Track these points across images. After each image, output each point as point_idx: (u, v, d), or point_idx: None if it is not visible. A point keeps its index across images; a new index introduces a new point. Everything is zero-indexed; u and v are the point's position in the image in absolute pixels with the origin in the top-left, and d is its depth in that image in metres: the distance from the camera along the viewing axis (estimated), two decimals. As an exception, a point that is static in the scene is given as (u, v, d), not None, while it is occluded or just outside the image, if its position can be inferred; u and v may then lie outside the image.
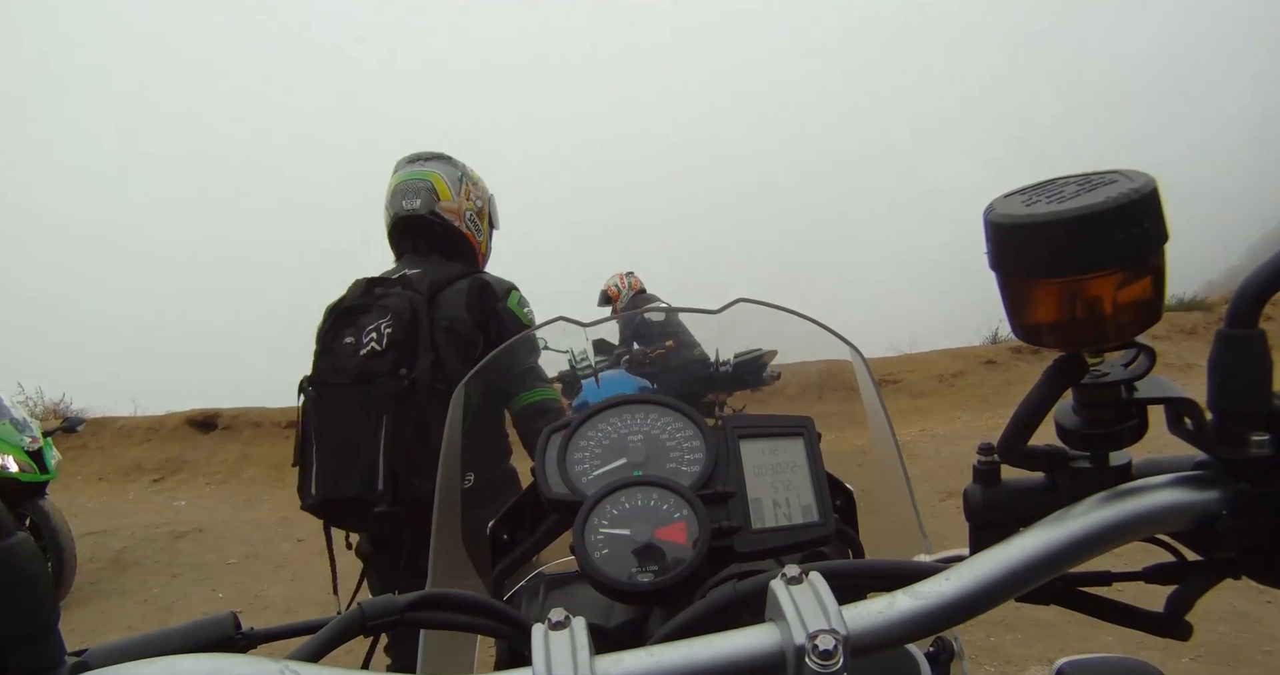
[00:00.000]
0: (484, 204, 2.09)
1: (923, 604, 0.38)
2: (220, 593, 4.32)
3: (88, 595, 4.37)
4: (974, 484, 0.48)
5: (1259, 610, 2.77)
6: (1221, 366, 0.39)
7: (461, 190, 2.02)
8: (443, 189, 1.98)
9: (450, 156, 2.07)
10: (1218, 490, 0.41)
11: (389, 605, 0.45)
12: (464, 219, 2.01)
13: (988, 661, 2.64)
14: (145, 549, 5.27)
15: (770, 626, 0.38)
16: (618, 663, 0.36)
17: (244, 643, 0.48)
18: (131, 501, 6.86)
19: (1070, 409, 0.46)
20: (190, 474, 7.46)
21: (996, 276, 0.42)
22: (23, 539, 0.36)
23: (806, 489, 0.62)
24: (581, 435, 0.66)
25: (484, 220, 2.08)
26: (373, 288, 1.86)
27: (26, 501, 3.99)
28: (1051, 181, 0.42)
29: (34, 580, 0.36)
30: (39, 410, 8.46)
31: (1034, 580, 0.40)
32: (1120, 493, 0.42)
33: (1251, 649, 2.59)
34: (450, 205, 1.98)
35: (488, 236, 2.11)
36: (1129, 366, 0.44)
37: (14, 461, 3.99)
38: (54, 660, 0.37)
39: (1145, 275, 0.39)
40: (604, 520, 0.58)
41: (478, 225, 2.05)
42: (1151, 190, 0.38)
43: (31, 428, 4.22)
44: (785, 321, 0.83)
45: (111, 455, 7.99)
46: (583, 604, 0.61)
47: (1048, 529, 0.41)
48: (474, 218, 2.04)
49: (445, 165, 2.03)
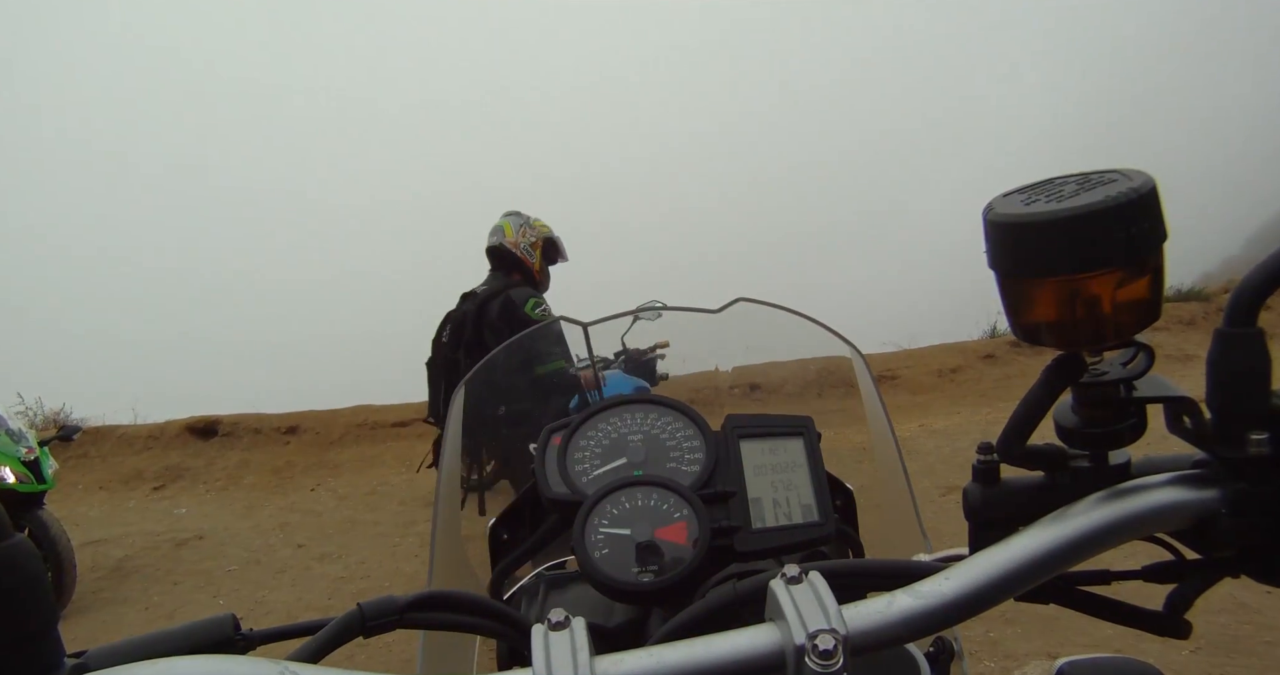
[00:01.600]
0: (538, 239, 3.71)
1: (922, 603, 0.38)
2: (221, 599, 4.32)
3: (89, 604, 4.36)
4: (973, 483, 0.48)
5: (1259, 601, 2.77)
6: (1220, 365, 0.39)
7: (519, 231, 3.71)
8: (508, 230, 3.70)
9: (520, 212, 3.79)
10: (1216, 489, 0.41)
11: (388, 605, 0.45)
12: (520, 249, 3.68)
13: (988, 656, 2.64)
14: (146, 557, 5.26)
15: (770, 626, 0.38)
16: (618, 663, 0.36)
17: (243, 644, 0.48)
18: (132, 510, 6.85)
19: (1069, 408, 0.46)
20: (191, 481, 7.45)
21: (995, 276, 0.42)
22: (21, 541, 0.36)
23: (806, 489, 0.62)
24: (581, 435, 0.66)
25: (537, 250, 3.70)
26: (463, 301, 3.64)
27: (24, 512, 3.97)
28: (1050, 181, 0.42)
29: (33, 582, 0.36)
30: (39, 420, 8.43)
31: (1033, 579, 0.40)
32: (1119, 492, 0.42)
33: (1252, 640, 2.59)
34: (511, 240, 3.68)
35: (540, 260, 3.72)
36: (1128, 365, 0.44)
37: (10, 472, 3.98)
38: (54, 662, 0.37)
39: (1144, 274, 0.39)
40: (604, 520, 0.58)
41: (530, 253, 3.70)
42: (1150, 189, 0.38)
43: (27, 438, 4.20)
44: (785, 321, 0.83)
45: (111, 464, 7.97)
46: (583, 604, 0.61)
47: (1047, 528, 0.41)
48: (527, 248, 3.70)
49: (516, 217, 3.75)
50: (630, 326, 1.60)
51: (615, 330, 1.72)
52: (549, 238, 3.75)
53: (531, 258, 3.68)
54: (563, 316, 0.91)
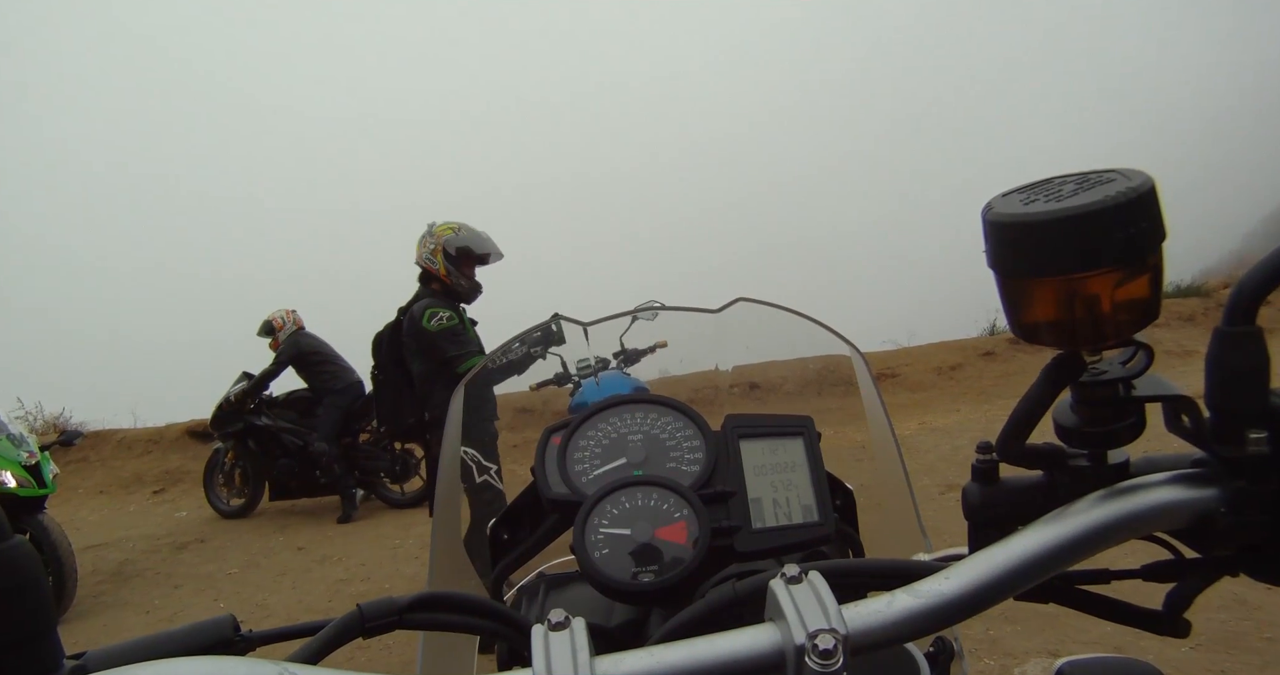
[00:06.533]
0: (437, 245, 3.59)
1: (922, 603, 0.38)
2: (222, 602, 4.32)
3: (90, 608, 4.36)
4: (973, 482, 0.48)
5: (1259, 597, 2.77)
6: (1219, 364, 0.39)
7: (421, 241, 3.65)
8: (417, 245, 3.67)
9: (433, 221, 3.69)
10: (1215, 488, 0.41)
11: (388, 606, 0.45)
12: (422, 259, 3.64)
13: (987, 655, 2.64)
14: (147, 561, 5.26)
15: (770, 626, 0.38)
16: (618, 663, 0.36)
17: (243, 645, 0.48)
18: (133, 513, 6.85)
19: (1068, 407, 0.46)
20: (191, 484, 7.45)
21: (995, 275, 0.42)
22: (20, 543, 0.36)
23: (806, 488, 0.62)
24: (581, 435, 0.66)
25: (438, 256, 3.59)
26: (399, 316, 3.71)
27: (26, 516, 3.97)
28: (1049, 180, 0.42)
29: (32, 584, 0.36)
30: (39, 424, 8.44)
31: (1033, 579, 0.40)
32: (1118, 491, 0.42)
33: (1252, 636, 2.59)
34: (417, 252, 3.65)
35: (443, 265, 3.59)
36: (1127, 364, 0.44)
37: (11, 477, 3.98)
38: (52, 663, 0.37)
39: (1143, 273, 0.39)
40: (604, 520, 0.58)
41: (433, 260, 3.61)
42: (1149, 189, 0.38)
43: (29, 442, 4.21)
44: (785, 321, 0.83)
45: (112, 468, 7.97)
46: (583, 604, 0.61)
47: (1046, 527, 0.41)
48: (429, 257, 3.62)
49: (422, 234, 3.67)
50: (629, 327, 1.60)
51: (614, 331, 1.73)
52: (450, 239, 3.59)
53: (435, 265, 3.59)
54: (563, 316, 0.91)
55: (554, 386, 2.66)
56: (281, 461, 6.07)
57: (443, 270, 3.59)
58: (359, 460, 6.09)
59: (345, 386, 6.14)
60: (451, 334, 3.46)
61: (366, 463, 6.09)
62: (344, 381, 6.15)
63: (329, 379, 6.15)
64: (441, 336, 3.44)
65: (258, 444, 6.11)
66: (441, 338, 3.44)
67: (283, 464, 6.07)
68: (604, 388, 2.53)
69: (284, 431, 6.10)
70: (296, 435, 6.08)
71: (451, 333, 3.46)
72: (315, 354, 6.19)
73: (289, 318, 6.32)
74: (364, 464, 6.09)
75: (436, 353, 3.46)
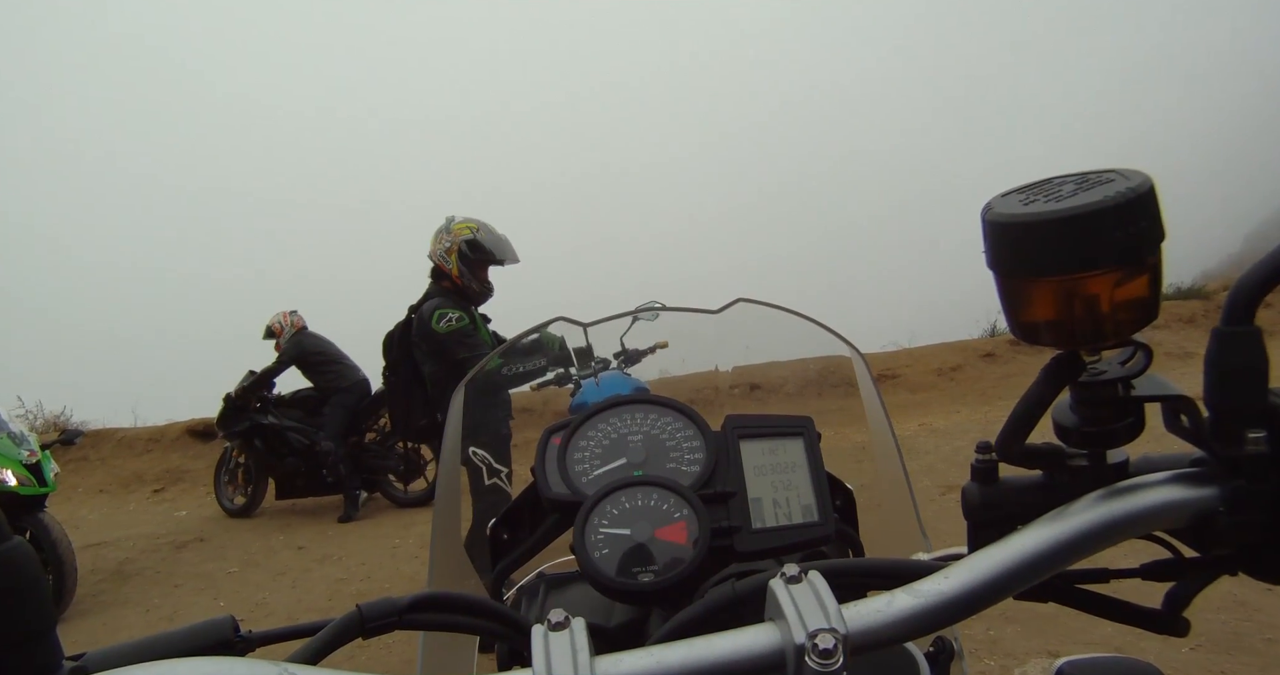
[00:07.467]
0: (454, 244, 3.51)
1: (922, 602, 0.38)
2: (222, 601, 4.32)
3: (90, 607, 4.36)
4: (972, 482, 0.48)
5: (1259, 599, 2.77)
6: (1218, 363, 0.39)
7: (437, 237, 3.56)
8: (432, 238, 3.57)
9: (452, 216, 3.62)
10: (1215, 487, 0.41)
11: (387, 606, 0.45)
12: (436, 257, 3.56)
13: (988, 655, 2.64)
14: (147, 560, 5.26)
15: (770, 626, 0.38)
16: (618, 663, 0.36)
17: (242, 645, 0.48)
18: (133, 512, 6.85)
19: (1068, 407, 0.46)
20: (191, 484, 7.45)
21: (994, 275, 0.42)
22: (20, 543, 0.36)
23: (807, 489, 0.62)
24: (581, 435, 0.66)
25: (452, 256, 3.51)
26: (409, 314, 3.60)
27: (26, 515, 3.97)
28: (1049, 180, 0.42)
29: (32, 584, 0.36)
30: (39, 423, 8.44)
31: (1032, 578, 0.40)
32: (1118, 490, 0.42)
33: (1251, 637, 2.59)
34: (430, 248, 3.56)
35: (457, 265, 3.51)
36: (1126, 364, 0.44)
37: (12, 475, 3.98)
38: (52, 664, 0.37)
39: (1142, 274, 0.39)
40: (604, 520, 0.58)
41: (446, 259, 3.53)
42: (1148, 189, 0.38)
43: (29, 441, 4.21)
44: (785, 321, 0.83)
45: (112, 467, 7.97)
46: (583, 604, 0.61)
47: (1046, 527, 0.41)
48: (443, 255, 3.54)
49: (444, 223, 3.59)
50: (629, 327, 1.60)
51: (614, 331, 1.73)
52: (469, 240, 3.49)
53: (448, 264, 3.50)
54: (562, 317, 0.91)
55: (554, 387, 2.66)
56: (288, 460, 6.06)
57: (455, 270, 3.50)
58: (365, 459, 6.09)
59: (351, 385, 6.13)
60: (462, 336, 3.39)
61: (373, 462, 6.08)
62: (349, 380, 6.14)
63: (334, 378, 6.14)
64: (451, 339, 3.38)
65: (264, 443, 6.10)
66: (451, 340, 3.38)
67: (289, 463, 6.06)
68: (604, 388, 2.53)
69: (290, 430, 6.09)
70: (303, 434, 6.07)
71: (461, 334, 3.39)
72: (319, 354, 6.19)
73: (287, 320, 6.31)
74: (370, 463, 6.08)
75: (448, 355, 3.40)
